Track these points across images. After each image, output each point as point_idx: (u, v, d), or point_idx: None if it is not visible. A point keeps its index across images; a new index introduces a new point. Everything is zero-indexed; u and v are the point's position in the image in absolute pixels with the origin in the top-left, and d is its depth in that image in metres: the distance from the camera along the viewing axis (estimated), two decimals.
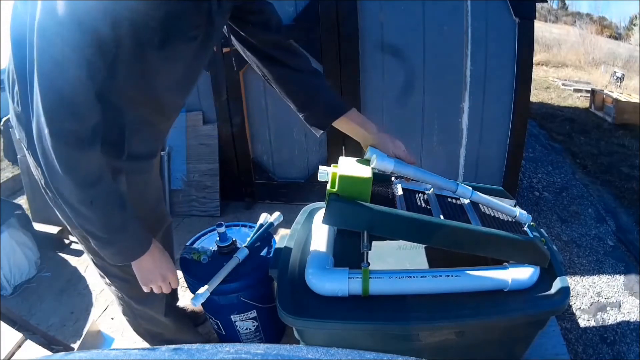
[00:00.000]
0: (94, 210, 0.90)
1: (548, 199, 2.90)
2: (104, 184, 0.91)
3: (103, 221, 0.93)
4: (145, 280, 1.11)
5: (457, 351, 1.18)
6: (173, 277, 1.15)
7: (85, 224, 0.94)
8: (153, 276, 1.11)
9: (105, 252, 1.01)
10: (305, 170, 2.64)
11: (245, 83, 2.45)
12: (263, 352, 0.61)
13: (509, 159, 2.40)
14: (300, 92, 1.18)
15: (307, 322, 1.07)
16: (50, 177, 0.89)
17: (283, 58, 1.14)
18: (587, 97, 5.31)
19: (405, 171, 1.14)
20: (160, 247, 1.12)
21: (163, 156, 2.51)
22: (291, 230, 1.38)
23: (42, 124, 0.81)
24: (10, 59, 0.95)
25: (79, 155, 0.84)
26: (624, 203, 2.87)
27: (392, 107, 2.38)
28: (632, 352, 1.70)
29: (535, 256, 1.12)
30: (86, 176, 0.87)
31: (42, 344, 1.35)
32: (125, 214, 0.96)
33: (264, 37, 1.11)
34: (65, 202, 0.91)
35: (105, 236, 0.96)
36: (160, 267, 1.10)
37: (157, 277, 1.11)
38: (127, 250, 1.02)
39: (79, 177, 0.86)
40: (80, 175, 0.86)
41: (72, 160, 0.84)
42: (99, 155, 0.88)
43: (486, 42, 2.15)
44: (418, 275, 1.11)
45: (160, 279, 1.12)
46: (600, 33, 11.05)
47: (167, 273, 1.12)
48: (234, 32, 1.12)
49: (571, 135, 4.15)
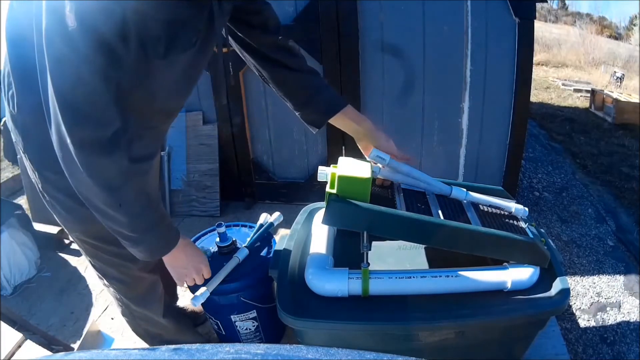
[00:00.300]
0: (122, 212, 0.90)
1: (548, 199, 2.90)
2: (131, 186, 0.90)
3: (132, 222, 0.93)
4: (179, 275, 1.14)
5: (457, 351, 1.18)
6: (206, 268, 1.19)
7: (113, 225, 0.94)
8: (187, 270, 1.13)
9: (134, 249, 1.01)
10: (305, 170, 2.64)
11: (245, 83, 2.45)
12: (263, 352, 0.61)
13: (509, 159, 2.40)
14: (297, 92, 1.19)
15: (307, 323, 1.07)
16: (75, 183, 0.89)
17: (281, 59, 1.14)
18: (587, 97, 5.32)
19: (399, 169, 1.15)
20: (188, 240, 1.13)
21: (163, 156, 2.51)
22: (291, 230, 1.38)
23: (63, 134, 0.80)
24: (5, 61, 0.94)
25: (105, 161, 0.84)
26: (624, 203, 2.87)
27: (392, 107, 2.38)
28: (632, 352, 1.70)
29: (535, 256, 1.12)
30: (113, 179, 0.87)
31: (42, 344, 1.35)
32: (153, 212, 0.97)
33: (263, 38, 1.11)
34: (92, 206, 0.91)
35: (135, 235, 0.96)
36: (192, 260, 1.14)
37: (191, 270, 1.14)
38: (157, 246, 1.02)
39: (106, 182, 0.86)
40: (107, 179, 0.86)
41: (99, 165, 0.84)
42: (125, 159, 0.87)
43: (486, 42, 2.15)
44: (418, 276, 1.11)
45: (194, 271, 1.15)
46: (600, 33, 11.06)
47: (199, 265, 1.16)
48: (232, 33, 1.12)
49: (571, 135, 4.15)
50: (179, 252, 1.07)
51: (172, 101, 1.04)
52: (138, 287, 1.25)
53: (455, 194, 1.22)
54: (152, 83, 0.90)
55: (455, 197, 1.22)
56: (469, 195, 1.22)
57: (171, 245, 1.04)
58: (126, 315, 1.39)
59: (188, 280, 1.16)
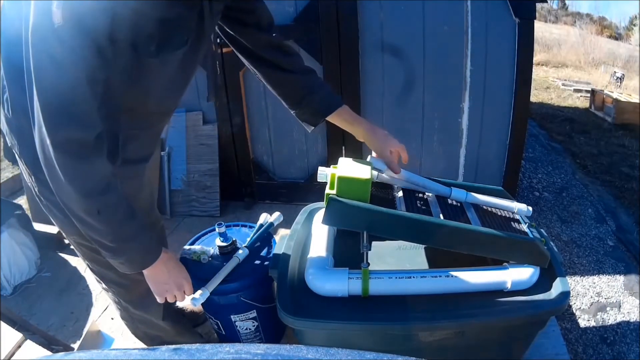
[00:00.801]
0: (101, 220, 0.87)
1: (548, 199, 2.90)
2: (112, 194, 0.87)
3: (111, 231, 0.90)
4: (160, 290, 1.07)
5: (457, 351, 1.18)
6: (188, 285, 1.11)
7: (93, 234, 0.91)
8: (168, 286, 1.07)
9: (114, 261, 0.98)
10: (305, 170, 2.64)
11: (245, 83, 2.45)
12: (263, 352, 0.61)
13: (509, 159, 2.40)
14: (292, 92, 1.19)
15: (307, 323, 1.07)
16: (55, 187, 0.86)
17: (275, 59, 1.13)
18: (587, 97, 5.32)
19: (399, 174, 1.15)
20: (172, 255, 1.08)
21: (163, 156, 2.51)
22: (291, 230, 1.38)
23: (44, 135, 0.78)
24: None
25: (84, 165, 0.82)
26: (624, 203, 2.87)
27: (392, 107, 2.38)
28: (632, 352, 1.70)
29: (535, 256, 1.12)
30: (93, 186, 0.84)
31: (42, 344, 1.36)
32: (135, 223, 0.93)
33: (257, 36, 1.10)
34: (71, 212, 0.88)
35: (114, 245, 0.93)
36: (174, 276, 1.07)
37: (172, 286, 1.08)
38: (137, 259, 0.99)
39: (85, 187, 0.83)
40: (87, 185, 0.83)
41: (77, 170, 0.81)
42: (106, 164, 0.85)
43: (486, 42, 2.15)
44: (418, 276, 1.11)
45: (175, 287, 1.08)
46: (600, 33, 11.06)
47: (181, 281, 1.09)
48: (225, 33, 1.11)
49: (571, 135, 4.15)
50: (160, 266, 1.02)
51: (167, 100, 1.03)
52: (136, 290, 1.24)
53: (455, 195, 1.22)
54: (145, 82, 0.89)
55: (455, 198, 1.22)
56: (469, 196, 1.21)
57: (152, 258, 1.00)
58: (125, 319, 1.38)
59: (169, 297, 1.09)
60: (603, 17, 13.90)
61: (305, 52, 2.29)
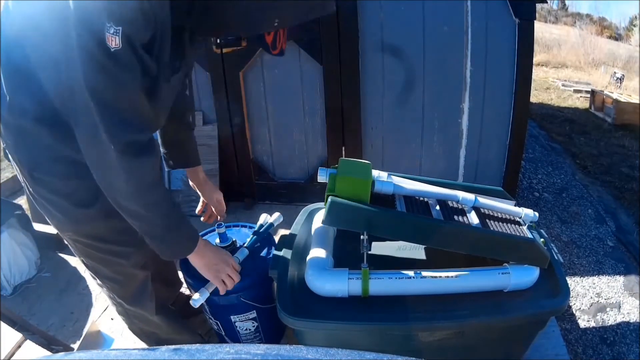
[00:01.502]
0: (155, 211, 0.99)
1: (548, 200, 2.90)
2: (162, 187, 1.01)
3: (161, 221, 1.01)
4: (214, 274, 1.16)
5: (457, 351, 1.18)
6: (232, 259, 1.21)
7: (144, 225, 1.01)
8: (219, 266, 1.16)
9: (161, 248, 1.06)
10: (305, 170, 2.64)
11: (245, 83, 2.45)
12: (263, 352, 0.61)
13: (509, 160, 2.40)
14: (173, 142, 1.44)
15: (307, 323, 1.07)
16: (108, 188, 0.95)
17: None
18: (587, 97, 5.32)
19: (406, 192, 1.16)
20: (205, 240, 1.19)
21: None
22: (291, 230, 1.38)
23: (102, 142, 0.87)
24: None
25: (144, 163, 0.93)
26: (623, 204, 2.87)
27: (392, 107, 2.38)
28: (632, 352, 1.71)
29: (535, 257, 1.12)
30: (150, 180, 0.96)
31: (42, 344, 1.36)
32: (178, 211, 1.06)
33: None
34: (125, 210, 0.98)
35: (163, 234, 1.03)
36: (219, 254, 1.18)
37: (222, 265, 1.16)
38: (184, 243, 1.09)
39: (144, 182, 0.95)
40: (146, 180, 0.95)
41: (139, 169, 0.93)
42: (156, 161, 0.98)
43: (486, 42, 2.15)
44: (418, 276, 1.11)
45: (225, 265, 1.17)
46: (600, 34, 11.07)
47: (227, 257, 1.19)
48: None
49: (571, 135, 4.16)
50: (203, 249, 1.13)
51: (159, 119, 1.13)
52: (130, 285, 1.26)
53: (464, 200, 1.21)
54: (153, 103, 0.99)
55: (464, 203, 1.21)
56: (478, 201, 1.21)
57: (195, 242, 1.10)
58: (122, 314, 1.40)
59: (225, 278, 1.17)
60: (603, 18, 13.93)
61: (305, 52, 2.29)
